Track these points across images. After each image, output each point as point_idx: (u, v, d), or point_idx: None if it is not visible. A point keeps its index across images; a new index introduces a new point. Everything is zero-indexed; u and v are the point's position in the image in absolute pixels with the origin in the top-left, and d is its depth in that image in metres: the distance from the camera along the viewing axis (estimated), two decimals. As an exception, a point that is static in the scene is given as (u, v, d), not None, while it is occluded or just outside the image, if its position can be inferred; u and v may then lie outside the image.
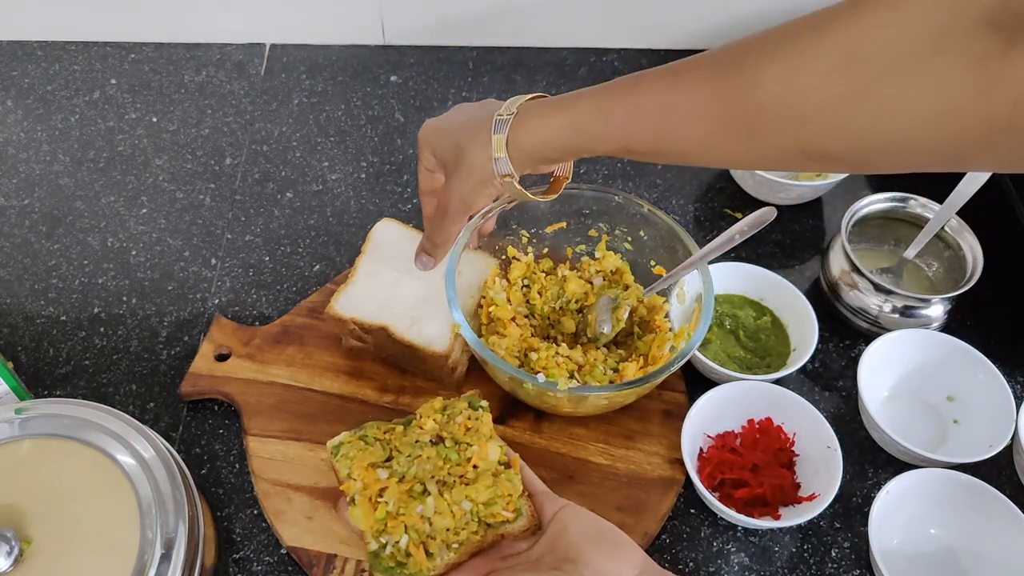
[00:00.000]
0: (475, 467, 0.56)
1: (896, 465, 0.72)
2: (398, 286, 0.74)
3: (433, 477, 0.56)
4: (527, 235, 0.79)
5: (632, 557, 0.53)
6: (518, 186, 0.62)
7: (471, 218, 0.72)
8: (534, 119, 0.59)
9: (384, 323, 0.71)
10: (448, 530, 0.54)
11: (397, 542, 0.53)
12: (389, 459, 0.58)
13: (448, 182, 0.64)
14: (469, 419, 0.59)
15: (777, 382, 0.74)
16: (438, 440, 0.58)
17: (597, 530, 0.54)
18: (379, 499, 0.55)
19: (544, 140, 0.58)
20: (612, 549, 0.53)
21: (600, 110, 0.56)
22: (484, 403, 0.61)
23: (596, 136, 0.56)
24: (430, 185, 0.69)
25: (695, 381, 0.76)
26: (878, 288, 0.78)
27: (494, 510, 0.55)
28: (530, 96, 0.61)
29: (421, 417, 0.60)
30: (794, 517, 0.66)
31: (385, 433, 0.60)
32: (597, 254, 0.80)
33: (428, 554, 0.53)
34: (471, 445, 0.57)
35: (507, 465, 0.58)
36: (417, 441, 0.58)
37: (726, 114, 0.50)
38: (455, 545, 0.53)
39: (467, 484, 0.56)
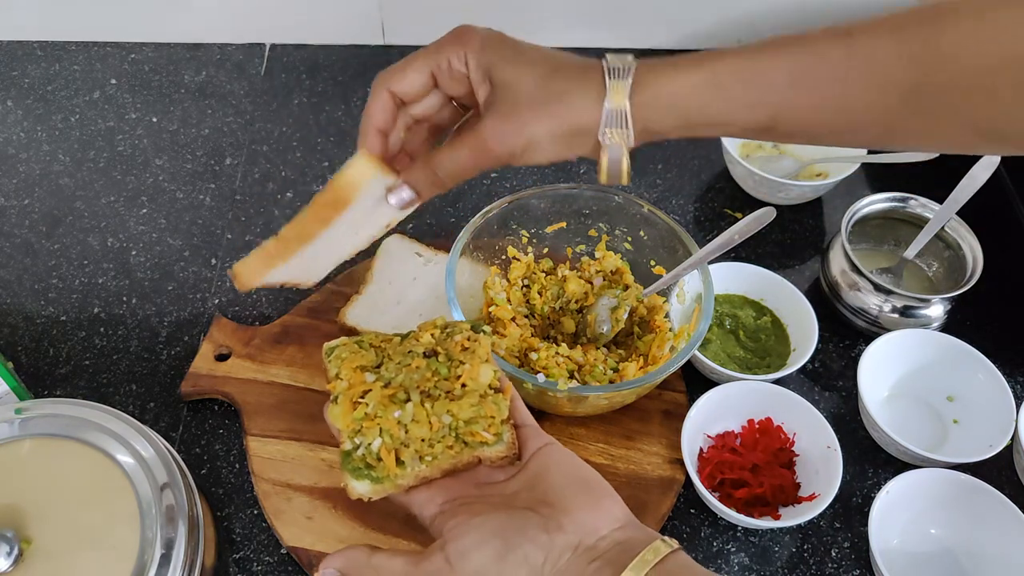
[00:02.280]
0: (464, 386, 0.54)
1: (896, 465, 0.72)
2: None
3: (419, 387, 0.54)
4: (527, 235, 0.79)
5: (614, 510, 0.48)
6: (626, 157, 0.50)
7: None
8: (661, 74, 0.48)
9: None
10: (423, 440, 0.51)
11: (369, 444, 0.51)
12: (379, 365, 0.56)
13: (503, 115, 0.50)
14: (468, 339, 0.57)
15: (777, 382, 0.74)
16: (432, 354, 0.56)
17: (581, 477, 0.50)
18: (360, 400, 0.54)
19: (672, 102, 0.48)
20: (595, 500, 0.48)
21: (752, 69, 0.47)
22: (487, 328, 0.59)
23: (741, 101, 0.47)
24: (445, 86, 0.53)
25: (695, 381, 0.76)
26: (878, 288, 0.78)
27: (474, 429, 0.52)
28: (631, 55, 0.50)
29: (419, 330, 0.59)
30: (794, 517, 0.66)
31: (382, 342, 0.58)
32: (597, 254, 0.80)
33: (399, 462, 0.51)
34: (463, 363, 0.55)
35: (497, 391, 0.55)
36: (410, 351, 0.56)
37: (915, 83, 0.44)
38: (428, 458, 0.51)
39: (452, 400, 0.53)
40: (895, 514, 0.66)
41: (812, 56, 0.46)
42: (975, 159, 0.79)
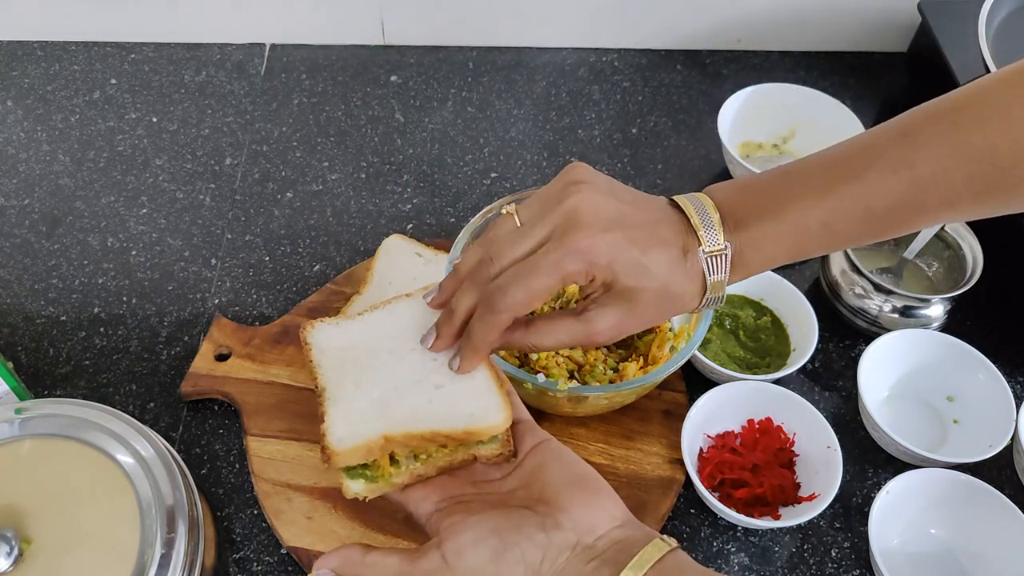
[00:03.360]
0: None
1: (896, 465, 0.72)
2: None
3: None
4: (527, 235, 0.79)
5: (612, 508, 0.48)
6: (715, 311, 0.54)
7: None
8: (751, 252, 0.51)
9: None
10: None
11: None
12: None
13: (624, 315, 0.51)
14: None
15: (777, 382, 0.74)
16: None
17: (577, 474, 0.49)
18: None
19: (765, 262, 0.52)
20: (591, 497, 0.48)
21: (829, 225, 0.50)
22: None
23: (822, 248, 0.51)
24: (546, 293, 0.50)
25: (695, 381, 0.76)
26: (878, 288, 0.78)
27: None
28: (706, 199, 0.52)
29: None
30: (794, 517, 0.66)
31: None
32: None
33: (393, 460, 0.50)
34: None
35: None
36: None
37: (981, 193, 0.48)
38: (423, 456, 0.51)
39: None
40: (895, 514, 0.66)
41: (879, 196, 0.49)
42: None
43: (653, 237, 0.50)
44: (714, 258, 0.51)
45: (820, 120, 0.92)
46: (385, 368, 0.53)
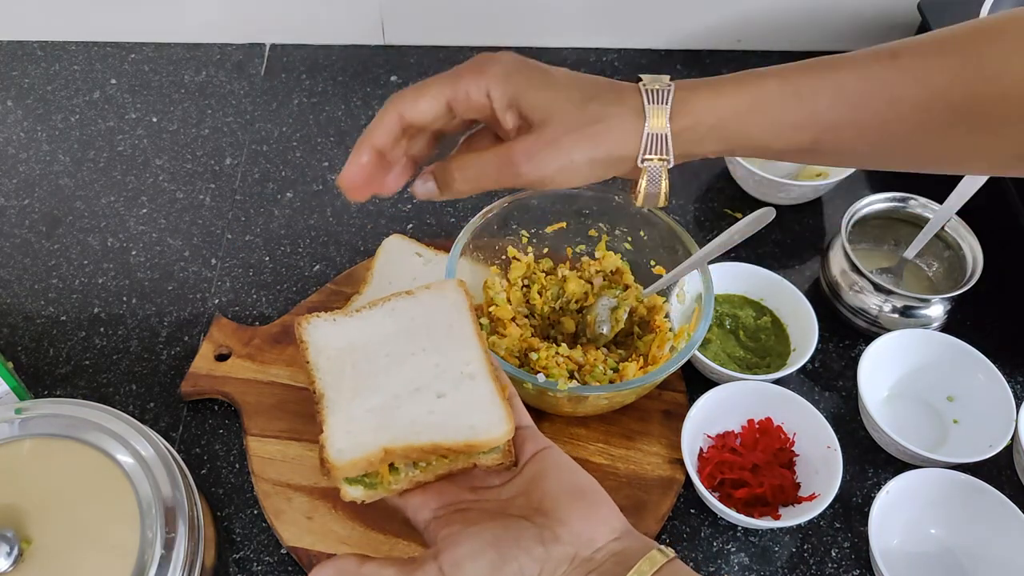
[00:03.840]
0: None
1: (896, 465, 0.72)
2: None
3: None
4: (527, 235, 0.79)
5: (611, 519, 0.47)
6: (665, 180, 0.49)
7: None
8: (702, 97, 0.48)
9: None
10: None
11: None
12: None
13: (540, 139, 0.48)
14: None
15: (777, 382, 0.74)
16: None
17: (576, 484, 0.48)
18: None
19: (714, 124, 0.48)
20: (591, 509, 0.47)
21: (796, 91, 0.47)
22: (484, 321, 0.58)
23: (785, 123, 0.47)
24: (465, 110, 0.50)
25: (695, 381, 0.76)
26: (878, 288, 0.78)
27: None
28: (665, 76, 0.50)
29: None
30: (794, 517, 0.66)
31: None
32: (597, 254, 0.80)
33: (392, 468, 0.50)
34: None
35: None
36: None
37: (961, 102, 0.44)
38: (422, 464, 0.50)
39: None
40: (895, 514, 0.66)
41: (857, 77, 0.46)
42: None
43: (592, 83, 0.49)
44: (654, 91, 0.48)
45: (820, 120, 0.92)
46: (384, 374, 0.52)
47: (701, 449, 0.72)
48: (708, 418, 0.72)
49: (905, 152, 0.49)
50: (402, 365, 0.52)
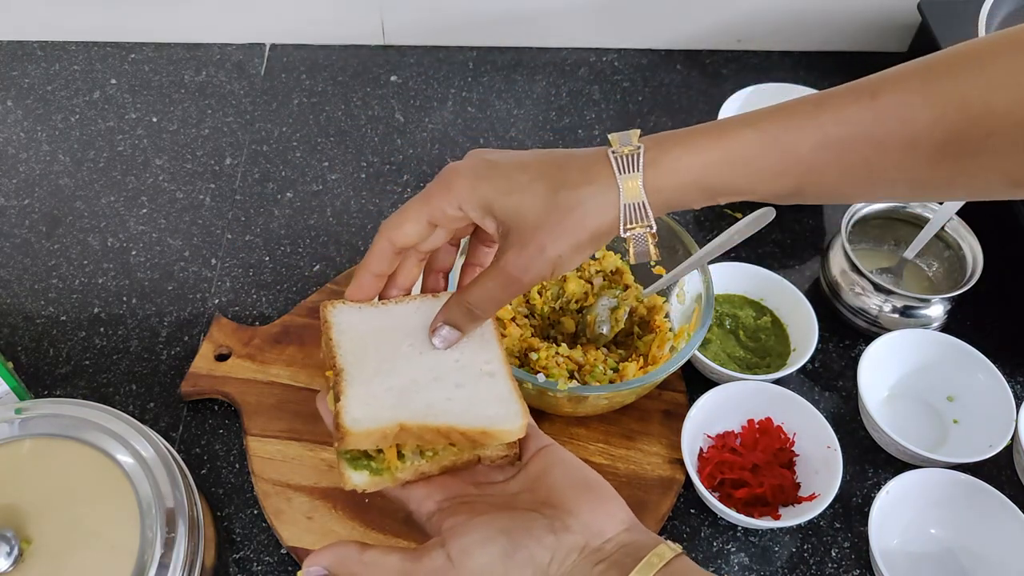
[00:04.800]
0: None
1: (896, 465, 0.72)
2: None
3: None
4: (527, 235, 0.79)
5: (619, 512, 0.47)
6: (653, 245, 0.49)
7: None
8: (676, 154, 0.47)
9: None
10: None
11: None
12: None
13: (521, 246, 0.48)
14: None
15: (777, 382, 0.74)
16: None
17: (583, 478, 0.48)
18: None
19: (694, 180, 0.47)
20: (599, 501, 0.47)
21: (775, 140, 0.46)
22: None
23: (765, 174, 0.46)
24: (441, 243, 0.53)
25: (695, 381, 0.76)
26: (878, 288, 0.78)
27: None
28: (635, 132, 0.49)
29: None
30: (794, 517, 0.66)
31: None
32: (597, 254, 0.80)
33: (400, 455, 0.49)
34: None
35: None
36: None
37: (945, 138, 0.44)
38: (429, 453, 0.50)
39: None
40: (895, 514, 0.66)
41: (837, 121, 0.45)
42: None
43: (552, 166, 0.48)
44: (623, 158, 0.47)
45: (820, 120, 0.92)
46: (405, 360, 0.52)
47: (701, 449, 0.72)
48: (708, 418, 0.72)
49: (892, 189, 0.48)
50: (423, 356, 0.53)
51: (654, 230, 0.48)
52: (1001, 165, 0.45)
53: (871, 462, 0.74)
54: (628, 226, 0.48)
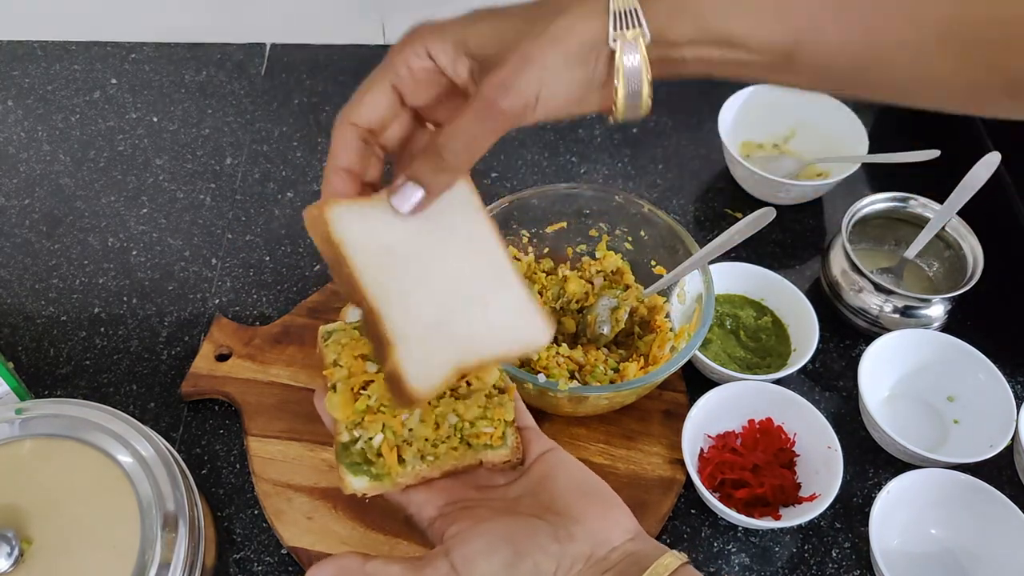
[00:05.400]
0: (468, 384, 0.52)
1: (896, 465, 0.72)
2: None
3: None
4: (527, 235, 0.79)
5: (624, 520, 0.46)
6: (647, 80, 0.43)
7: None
8: None
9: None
10: (426, 440, 0.50)
11: (371, 439, 0.49)
12: None
13: (502, 65, 0.43)
14: None
15: (777, 382, 0.74)
16: None
17: (588, 484, 0.48)
18: (362, 391, 0.51)
19: (692, 14, 0.42)
20: (604, 508, 0.46)
21: None
22: None
23: (766, 13, 0.42)
24: (420, 89, 0.47)
25: (695, 381, 0.76)
26: (878, 288, 0.78)
27: (479, 430, 0.50)
28: None
29: None
30: (794, 517, 0.66)
31: None
32: (598, 254, 0.80)
33: (400, 460, 0.49)
34: None
35: (501, 391, 0.53)
36: None
37: (951, 20, 0.41)
38: (430, 458, 0.49)
39: (457, 398, 0.51)
40: (895, 514, 0.66)
41: None
42: (975, 158, 0.79)
43: (516, 4, 0.44)
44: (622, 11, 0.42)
45: (820, 120, 0.92)
46: (430, 279, 0.48)
47: (702, 449, 0.72)
48: (708, 418, 0.72)
49: (889, 71, 0.44)
50: (445, 264, 0.48)
51: (648, 39, 0.42)
52: (1002, 60, 0.42)
53: (871, 462, 0.74)
54: (618, 31, 0.42)
